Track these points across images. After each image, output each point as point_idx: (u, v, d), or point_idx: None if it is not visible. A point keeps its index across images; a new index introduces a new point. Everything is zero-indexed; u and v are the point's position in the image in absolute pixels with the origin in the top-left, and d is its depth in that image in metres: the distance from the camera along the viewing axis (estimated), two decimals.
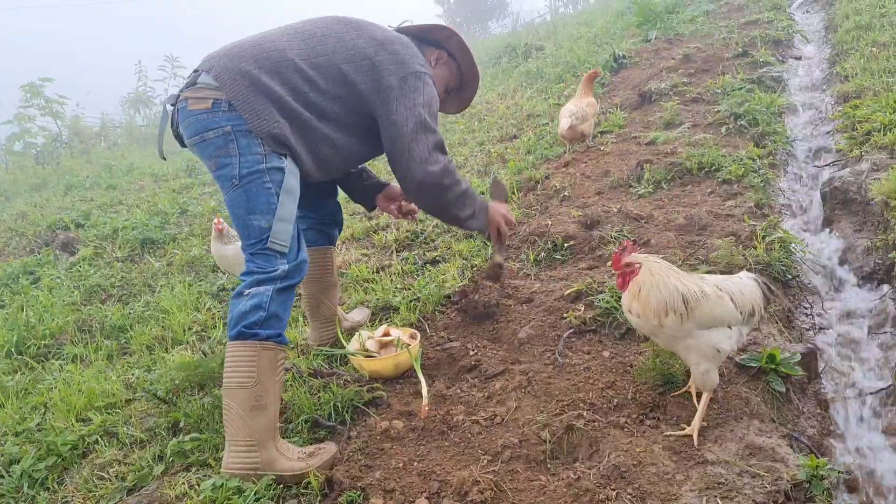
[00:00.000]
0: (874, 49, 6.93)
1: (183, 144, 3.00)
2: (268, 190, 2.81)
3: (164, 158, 3.50)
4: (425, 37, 3.47)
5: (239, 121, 2.78)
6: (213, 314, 4.59)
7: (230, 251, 4.19)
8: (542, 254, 4.40)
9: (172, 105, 2.95)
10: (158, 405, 3.46)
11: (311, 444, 2.96)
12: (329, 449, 2.86)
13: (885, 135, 4.85)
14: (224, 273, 5.11)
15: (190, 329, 4.39)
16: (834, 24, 8.76)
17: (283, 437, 2.93)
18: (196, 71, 2.92)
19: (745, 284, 2.73)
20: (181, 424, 3.24)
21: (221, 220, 4.29)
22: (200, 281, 5.27)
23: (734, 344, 2.67)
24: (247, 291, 2.78)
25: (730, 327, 2.64)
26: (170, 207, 7.34)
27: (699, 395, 2.76)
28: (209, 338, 4.25)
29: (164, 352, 4.11)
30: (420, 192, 3.17)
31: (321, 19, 3.19)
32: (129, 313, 4.80)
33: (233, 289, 4.66)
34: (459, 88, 3.65)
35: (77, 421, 3.47)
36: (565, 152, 6.24)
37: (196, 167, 9.83)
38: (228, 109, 2.79)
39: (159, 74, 16.46)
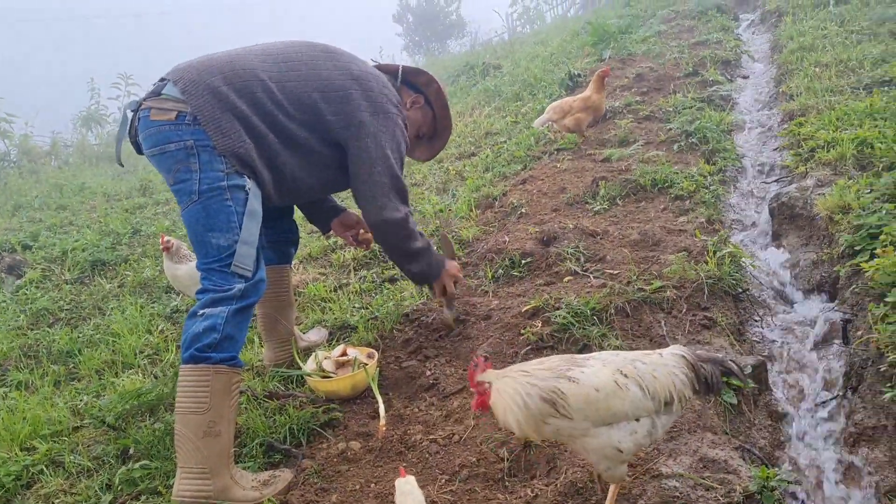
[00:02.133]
0: (817, 69, 7.15)
1: (140, 152, 2.94)
2: (228, 208, 2.77)
3: (122, 165, 3.44)
4: (406, 78, 3.48)
5: (202, 136, 2.73)
6: (167, 336, 4.50)
7: (182, 271, 4.11)
8: (500, 270, 4.42)
9: (133, 112, 2.89)
10: (107, 432, 3.37)
11: (265, 468, 2.91)
12: (284, 476, 2.82)
13: (828, 151, 4.99)
14: (178, 294, 5.02)
15: (141, 352, 4.29)
16: (779, 44, 9.03)
17: (237, 462, 2.88)
18: (162, 80, 2.86)
19: (664, 365, 2.26)
20: (131, 452, 3.16)
21: (168, 237, 4.18)
22: (153, 303, 5.16)
23: (643, 439, 2.21)
24: (201, 312, 2.72)
25: (638, 419, 2.20)
26: (122, 227, 7.19)
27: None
28: (161, 361, 4.16)
29: (114, 376, 4.01)
30: (377, 231, 3.28)
31: (299, 43, 3.16)
32: (78, 337, 4.67)
33: (187, 310, 4.59)
34: (432, 137, 3.67)
35: (21, 450, 3.35)
36: (523, 169, 6.31)
37: (151, 186, 9.66)
38: (192, 123, 2.73)
39: (113, 93, 16.19)
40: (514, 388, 2.17)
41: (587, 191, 5.36)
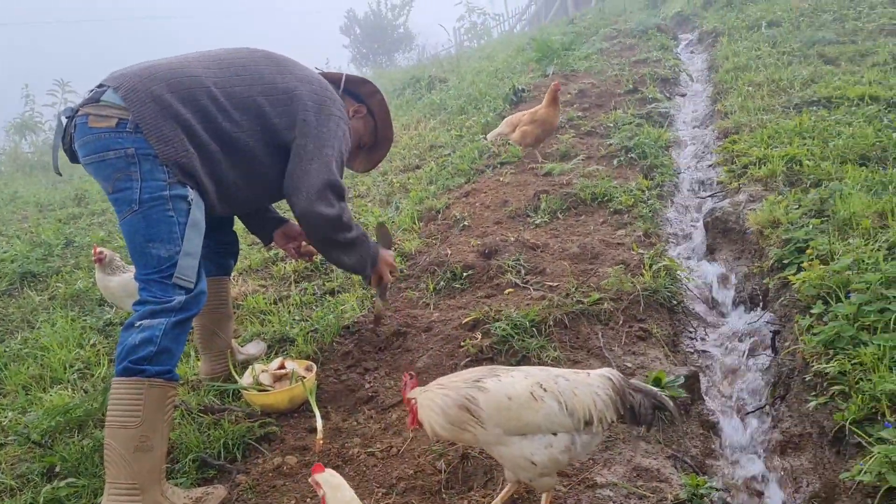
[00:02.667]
0: (750, 88, 7.41)
1: (75, 160, 2.84)
2: (170, 218, 2.71)
3: (60, 174, 3.33)
4: (348, 88, 3.47)
5: (144, 144, 2.67)
6: (98, 350, 4.36)
7: (115, 282, 3.99)
8: (442, 283, 4.43)
9: (69, 118, 2.79)
10: (32, 449, 3.25)
11: (198, 484, 2.85)
12: (218, 493, 2.76)
13: (760, 168, 5.17)
14: (112, 306, 4.88)
15: (72, 367, 4.15)
16: (715, 64, 9.32)
17: (169, 479, 2.81)
18: (101, 86, 2.77)
19: (588, 384, 2.24)
20: (57, 469, 3.05)
21: (101, 248, 4.06)
22: (85, 315, 5.01)
23: (560, 455, 2.18)
24: (138, 323, 2.64)
25: (555, 434, 2.19)
26: (54, 238, 6.96)
27: None
28: (93, 375, 4.03)
29: (42, 392, 3.86)
30: (305, 223, 3.17)
31: (243, 50, 3.13)
32: (5, 351, 4.49)
33: (121, 323, 4.47)
34: (372, 148, 3.66)
35: None
36: (466, 182, 6.35)
37: (86, 196, 9.40)
38: (134, 131, 2.66)
39: (48, 99, 15.73)
40: (432, 401, 2.23)
41: (529, 204, 5.42)
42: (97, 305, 5.16)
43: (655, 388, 2.32)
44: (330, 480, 2.02)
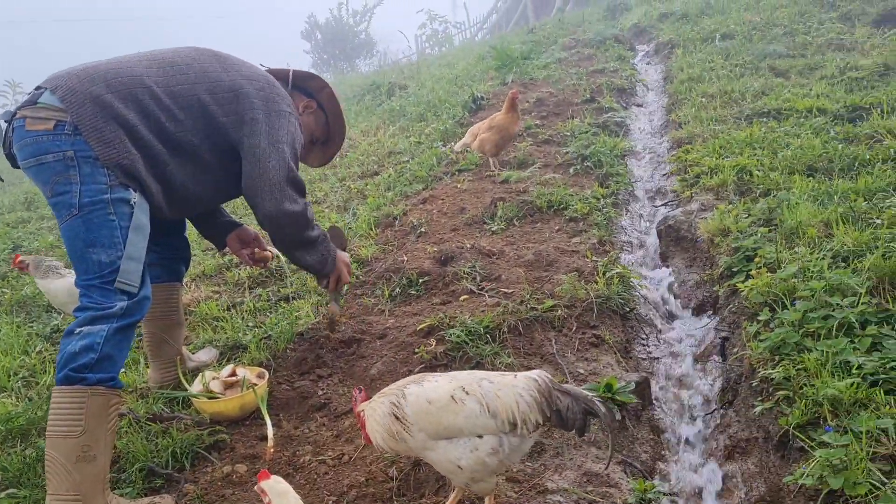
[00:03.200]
0: (704, 99, 7.56)
1: (15, 165, 2.78)
2: (111, 222, 2.65)
3: (2, 180, 3.23)
4: (297, 83, 3.44)
5: (83, 146, 2.61)
6: (45, 357, 4.26)
7: (57, 285, 3.88)
8: (397, 289, 4.42)
9: (7, 122, 2.73)
10: None
11: (145, 494, 2.79)
12: (164, 503, 2.71)
13: (712, 178, 5.27)
14: (60, 313, 4.77)
15: (16, 374, 4.04)
16: (671, 75, 9.49)
17: (115, 489, 2.75)
18: (38, 88, 2.71)
19: (512, 386, 2.21)
20: None
21: (22, 256, 3.94)
22: (32, 322, 4.88)
23: (487, 458, 2.16)
24: (78, 330, 2.58)
25: (481, 437, 2.17)
26: (1, 243, 6.79)
27: None
28: (38, 383, 3.93)
29: None
30: (273, 224, 3.15)
31: (185, 49, 3.08)
32: None
33: None
34: (325, 142, 3.64)
35: None
36: (424, 189, 6.36)
37: (35, 200, 9.18)
38: (73, 133, 2.61)
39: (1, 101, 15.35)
40: (374, 411, 2.28)
41: (486, 211, 5.44)
42: (44, 312, 5.03)
43: (587, 393, 2.27)
44: (275, 487, 2.00)
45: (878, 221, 3.78)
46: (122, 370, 3.37)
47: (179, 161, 2.91)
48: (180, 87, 2.89)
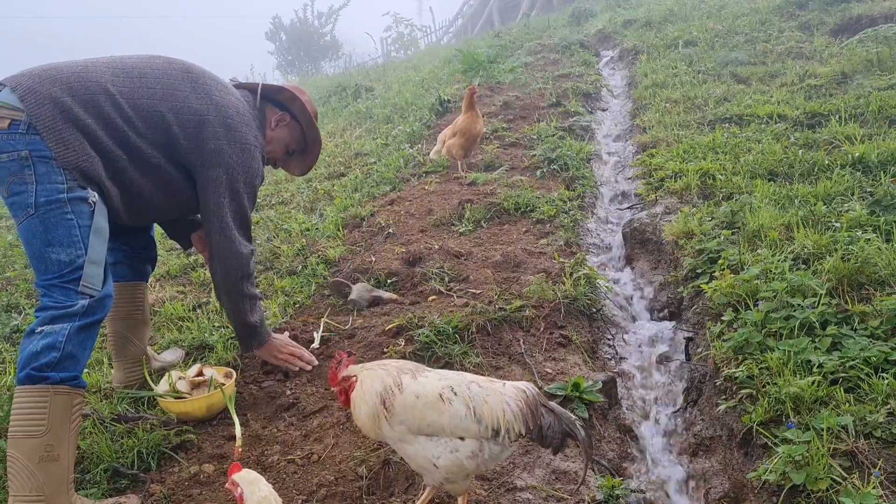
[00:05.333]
0: (668, 105, 7.69)
1: None
2: (69, 221, 2.60)
3: None
4: (270, 96, 3.41)
5: (40, 146, 2.56)
6: (4, 358, 4.15)
7: None
8: None
9: None
10: None
11: (110, 495, 2.74)
12: (130, 502, 2.66)
13: (675, 181, 5.36)
14: (20, 313, 4.66)
15: None
16: (635, 80, 9.63)
17: (79, 490, 2.70)
18: None
19: (500, 393, 2.20)
20: None
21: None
22: None
23: (466, 461, 2.15)
24: (39, 329, 2.54)
25: (463, 439, 2.16)
26: None
27: None
28: None
29: None
30: (221, 261, 3.19)
31: (157, 59, 3.02)
32: None
33: None
34: (303, 151, 3.62)
35: None
36: (392, 190, 6.35)
37: None
38: (27, 132, 2.55)
39: None
40: (367, 379, 2.24)
41: (453, 213, 5.46)
42: (3, 312, 4.91)
43: (571, 415, 2.25)
44: (246, 477, 1.99)
45: (837, 225, 3.88)
46: (86, 370, 3.30)
47: (140, 170, 2.87)
48: (145, 101, 2.85)
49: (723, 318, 3.47)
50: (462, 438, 2.15)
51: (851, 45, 8.15)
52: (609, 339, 4.01)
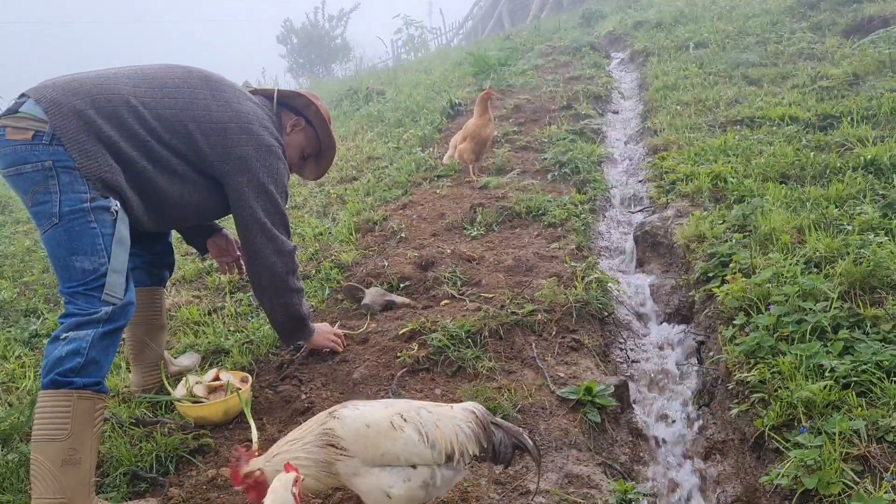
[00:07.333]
0: (679, 107, 7.68)
1: None
2: (93, 230, 2.65)
3: None
4: (285, 101, 3.47)
5: (63, 156, 2.61)
6: (24, 363, 4.21)
7: None
8: None
9: None
10: None
11: (129, 498, 2.79)
12: None
13: (687, 184, 5.37)
14: (38, 317, 4.73)
15: None
16: (646, 83, 9.62)
17: (99, 493, 2.74)
18: (22, 96, 2.70)
19: (451, 417, 2.20)
20: None
21: None
22: (10, 327, 4.83)
23: (418, 490, 2.10)
24: (64, 335, 2.58)
25: (415, 467, 2.11)
26: None
27: None
28: (18, 388, 3.89)
29: None
30: (267, 265, 3.28)
31: (176, 68, 3.08)
32: None
33: (48, 335, 4.33)
34: (318, 156, 3.68)
35: None
36: (403, 194, 6.39)
37: (9, 203, 9.06)
38: (51, 143, 2.60)
39: None
40: (297, 459, 2.08)
41: (465, 217, 5.49)
42: (22, 316, 4.98)
43: (517, 428, 2.27)
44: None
45: (849, 228, 3.88)
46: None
47: (167, 179, 2.93)
48: (168, 111, 2.91)
49: (734, 321, 3.48)
50: (414, 466, 2.11)
51: (864, 46, 8.12)
52: (621, 343, 4.03)
